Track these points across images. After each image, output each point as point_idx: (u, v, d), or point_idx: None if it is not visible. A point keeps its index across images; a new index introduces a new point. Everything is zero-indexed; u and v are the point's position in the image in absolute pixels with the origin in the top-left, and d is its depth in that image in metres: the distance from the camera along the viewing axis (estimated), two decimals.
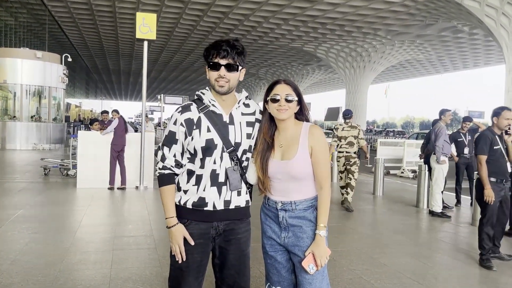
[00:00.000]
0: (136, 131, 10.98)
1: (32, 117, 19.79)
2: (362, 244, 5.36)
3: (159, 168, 2.12)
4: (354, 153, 7.57)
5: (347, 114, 7.71)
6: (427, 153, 7.92)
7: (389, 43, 36.31)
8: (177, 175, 2.13)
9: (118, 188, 8.92)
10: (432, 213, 7.27)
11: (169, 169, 2.10)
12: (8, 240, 5.02)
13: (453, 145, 8.39)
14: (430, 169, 7.67)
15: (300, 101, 2.16)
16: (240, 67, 2.08)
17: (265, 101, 2.16)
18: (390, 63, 41.26)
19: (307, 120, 2.22)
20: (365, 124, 45.52)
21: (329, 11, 27.79)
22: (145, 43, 8.98)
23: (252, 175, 2.16)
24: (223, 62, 2.02)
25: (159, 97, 28.00)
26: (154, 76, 60.40)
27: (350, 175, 7.53)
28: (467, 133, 8.36)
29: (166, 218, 2.09)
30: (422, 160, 8.44)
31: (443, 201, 7.66)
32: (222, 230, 2.11)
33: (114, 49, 42.94)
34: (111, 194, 8.45)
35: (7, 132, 18.92)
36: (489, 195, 4.53)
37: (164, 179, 2.10)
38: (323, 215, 2.12)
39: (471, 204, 7.01)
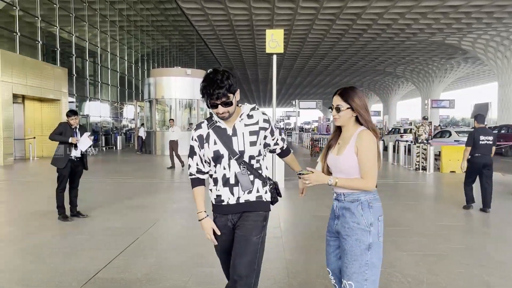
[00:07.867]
0: None
1: (187, 124, 22.75)
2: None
3: (188, 175, 2.65)
4: None
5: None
6: None
7: None
8: (202, 179, 2.61)
9: None
10: None
11: (194, 175, 2.61)
12: (167, 226, 6.20)
13: None
14: None
15: (356, 109, 2.45)
16: (233, 97, 2.38)
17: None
18: None
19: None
20: None
21: None
22: (274, 57, 9.90)
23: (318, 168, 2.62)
24: (218, 102, 2.35)
25: (293, 102, 29.16)
26: (289, 82, 62.56)
27: None
28: None
29: (197, 213, 2.57)
30: None
31: None
32: (235, 221, 2.53)
33: (252, 60, 45.87)
34: None
35: (166, 140, 21.99)
36: None
37: (193, 182, 2.62)
38: (347, 181, 2.40)
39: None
